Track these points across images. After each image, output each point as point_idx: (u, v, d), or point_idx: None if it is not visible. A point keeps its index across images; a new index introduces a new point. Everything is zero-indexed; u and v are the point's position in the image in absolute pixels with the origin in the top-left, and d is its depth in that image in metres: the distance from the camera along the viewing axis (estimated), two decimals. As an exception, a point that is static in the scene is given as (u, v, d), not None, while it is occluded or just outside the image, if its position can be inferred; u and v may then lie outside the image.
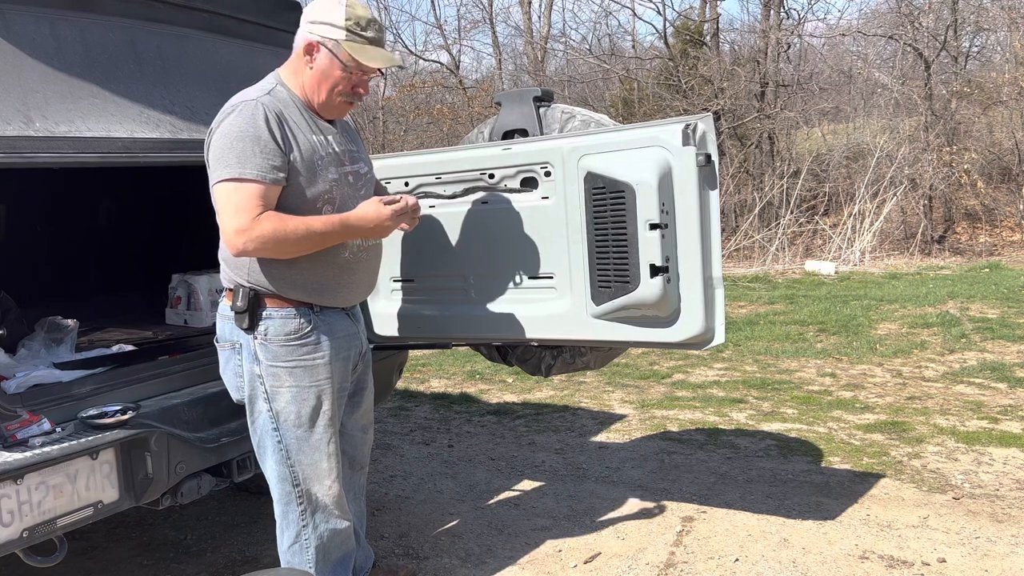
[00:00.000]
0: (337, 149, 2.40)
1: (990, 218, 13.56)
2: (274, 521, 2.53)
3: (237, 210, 2.18)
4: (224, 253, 2.37)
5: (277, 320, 2.34)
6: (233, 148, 2.19)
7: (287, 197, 2.26)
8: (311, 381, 2.38)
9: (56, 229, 4.08)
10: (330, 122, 2.43)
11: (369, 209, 2.33)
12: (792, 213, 12.80)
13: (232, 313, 2.37)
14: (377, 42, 2.33)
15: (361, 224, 2.32)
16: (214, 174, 2.23)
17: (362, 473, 2.81)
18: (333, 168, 2.35)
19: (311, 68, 2.32)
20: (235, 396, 2.47)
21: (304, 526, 2.48)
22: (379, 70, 2.37)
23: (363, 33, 2.29)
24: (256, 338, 2.35)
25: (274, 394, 2.37)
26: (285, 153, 2.24)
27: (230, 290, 2.39)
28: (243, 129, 2.20)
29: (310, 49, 2.31)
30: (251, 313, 2.33)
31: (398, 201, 2.37)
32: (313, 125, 2.35)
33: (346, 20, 2.27)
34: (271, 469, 2.45)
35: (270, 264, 2.30)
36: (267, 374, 2.36)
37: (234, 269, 2.36)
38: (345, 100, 2.37)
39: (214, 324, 2.51)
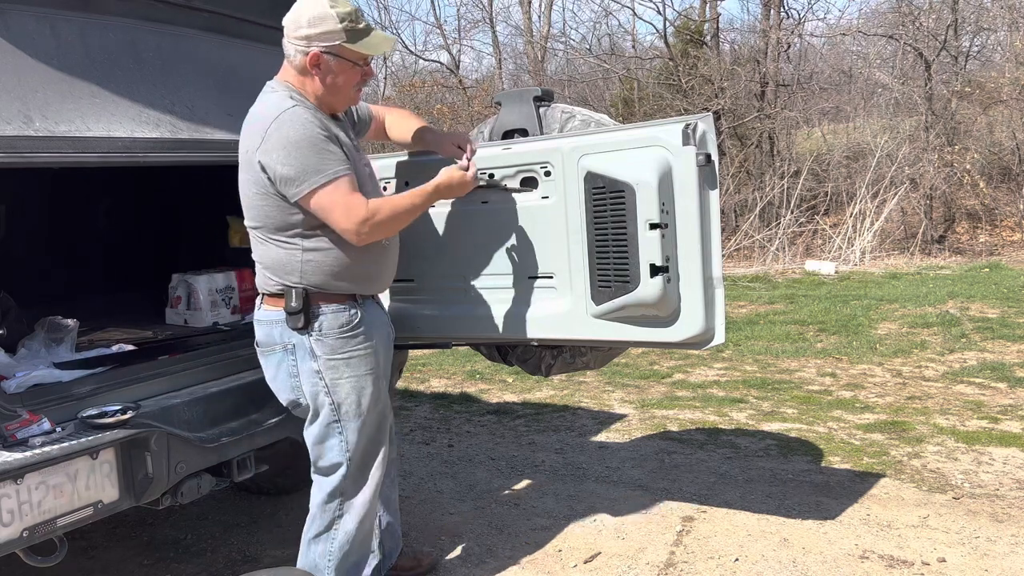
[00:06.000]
0: (355, 145, 2.51)
1: (990, 218, 13.56)
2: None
3: (348, 207, 2.28)
4: (266, 259, 2.40)
5: (329, 315, 2.42)
6: (307, 155, 2.26)
7: None
8: (367, 369, 2.47)
9: (56, 229, 4.08)
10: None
11: (452, 173, 2.50)
12: (792, 213, 12.80)
13: (279, 317, 2.41)
14: (371, 28, 2.37)
15: (448, 187, 2.48)
16: (301, 188, 2.26)
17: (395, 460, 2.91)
18: (359, 163, 2.45)
19: (321, 79, 2.35)
20: (287, 397, 2.50)
21: (338, 516, 2.56)
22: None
23: (359, 26, 2.32)
24: (311, 335, 2.41)
25: (334, 386, 2.44)
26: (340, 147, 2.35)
27: (275, 295, 2.43)
28: (303, 135, 2.26)
29: (315, 61, 2.32)
30: (305, 312, 2.39)
31: (467, 164, 2.56)
32: (334, 126, 2.42)
33: (340, 22, 2.28)
34: (329, 461, 2.52)
35: (324, 259, 2.37)
36: (325, 368, 2.42)
37: (282, 273, 2.39)
38: (357, 89, 2.45)
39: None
